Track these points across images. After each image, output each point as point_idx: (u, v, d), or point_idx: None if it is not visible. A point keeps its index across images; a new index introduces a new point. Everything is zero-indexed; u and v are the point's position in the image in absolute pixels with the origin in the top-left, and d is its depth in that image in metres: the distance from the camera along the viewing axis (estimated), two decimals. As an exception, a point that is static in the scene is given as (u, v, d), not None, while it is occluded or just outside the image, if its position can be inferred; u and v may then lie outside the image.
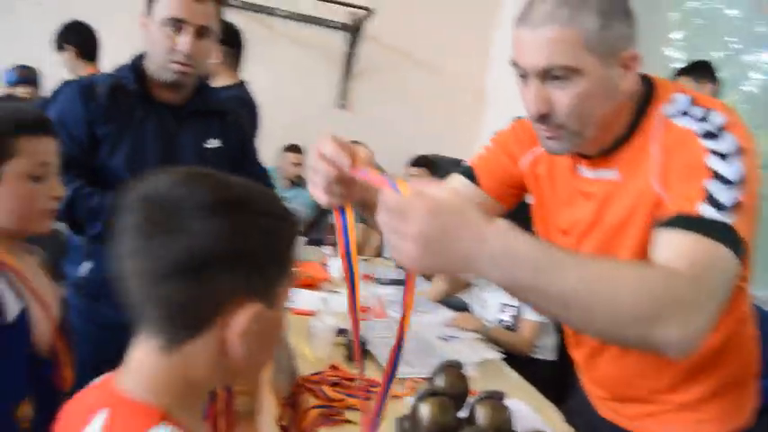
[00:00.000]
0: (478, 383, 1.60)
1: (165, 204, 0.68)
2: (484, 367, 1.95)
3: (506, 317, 2.60)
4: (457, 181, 1.35)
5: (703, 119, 1.02)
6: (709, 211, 0.93)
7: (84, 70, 3.28)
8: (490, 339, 2.34)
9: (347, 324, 1.85)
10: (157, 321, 0.71)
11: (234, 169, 1.85)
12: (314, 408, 1.51)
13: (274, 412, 1.65)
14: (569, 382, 1.60)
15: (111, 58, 2.08)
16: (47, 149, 1.18)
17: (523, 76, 1.06)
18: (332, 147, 0.90)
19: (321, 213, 4.32)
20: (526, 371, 2.07)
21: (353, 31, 4.80)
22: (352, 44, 4.82)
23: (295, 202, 4.16)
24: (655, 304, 0.83)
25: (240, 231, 0.69)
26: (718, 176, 0.96)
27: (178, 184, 0.70)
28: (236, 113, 1.97)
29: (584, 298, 0.80)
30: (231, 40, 2.78)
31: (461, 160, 4.63)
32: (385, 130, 5.02)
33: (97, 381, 0.79)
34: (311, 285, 2.60)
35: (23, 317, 1.13)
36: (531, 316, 2.55)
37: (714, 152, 0.98)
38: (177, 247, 0.67)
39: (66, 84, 1.78)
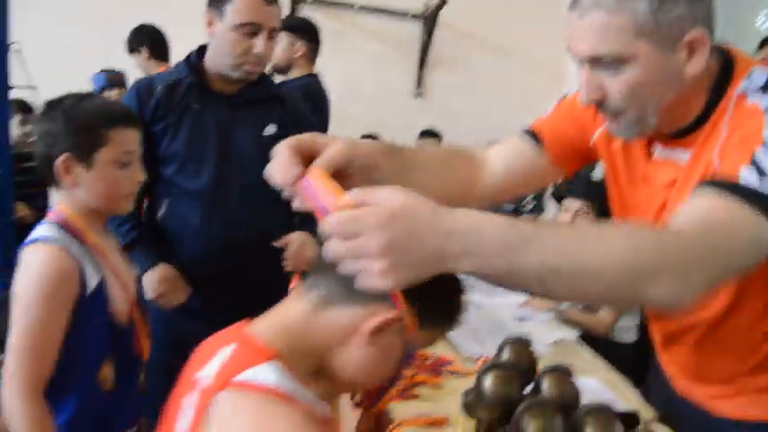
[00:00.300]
0: (551, 362, 1.58)
1: None
2: (558, 347, 1.93)
3: (585, 298, 2.53)
4: (519, 143, 1.28)
5: None
6: (748, 177, 0.87)
7: (156, 70, 3.40)
8: (567, 320, 2.30)
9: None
10: (328, 278, 0.78)
11: None
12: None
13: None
14: (649, 364, 1.55)
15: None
16: (132, 139, 1.34)
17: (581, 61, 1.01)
18: (278, 161, 0.85)
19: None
20: (604, 352, 2.03)
21: (428, 19, 4.80)
22: (427, 33, 4.82)
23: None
24: (642, 263, 0.77)
25: None
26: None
27: None
28: (295, 101, 2.01)
29: (565, 268, 0.74)
30: (311, 36, 2.93)
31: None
32: (462, 118, 5.01)
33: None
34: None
35: (101, 288, 1.28)
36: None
37: None
38: None
39: (132, 86, 1.88)
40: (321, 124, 2.67)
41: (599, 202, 2.54)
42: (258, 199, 1.78)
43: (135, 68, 3.71)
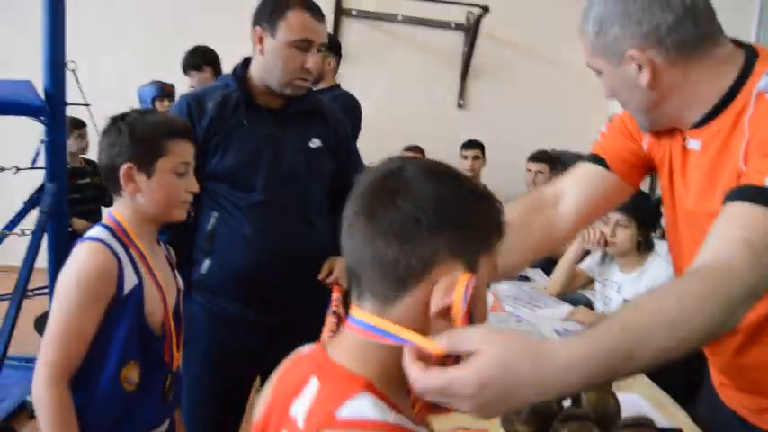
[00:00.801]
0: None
1: (390, 175, 0.76)
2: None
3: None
4: (586, 169, 1.33)
5: None
6: None
7: None
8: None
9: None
10: (372, 281, 0.75)
11: (338, 166, 1.95)
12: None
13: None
14: (696, 381, 1.51)
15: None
16: (188, 151, 1.44)
17: None
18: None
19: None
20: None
21: (470, 30, 4.80)
22: (469, 43, 4.83)
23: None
24: (710, 321, 0.82)
25: (450, 198, 0.74)
26: None
27: (406, 164, 0.77)
28: (335, 115, 2.04)
29: (663, 355, 0.79)
30: (338, 50, 3.12)
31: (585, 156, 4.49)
32: (504, 128, 4.99)
33: (305, 349, 0.84)
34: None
35: (138, 291, 1.35)
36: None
37: None
38: (396, 210, 0.72)
39: (180, 100, 1.87)
40: (356, 136, 2.75)
41: (638, 213, 2.51)
42: (307, 211, 1.86)
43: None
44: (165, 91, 4.04)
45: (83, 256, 1.31)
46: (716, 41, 1.06)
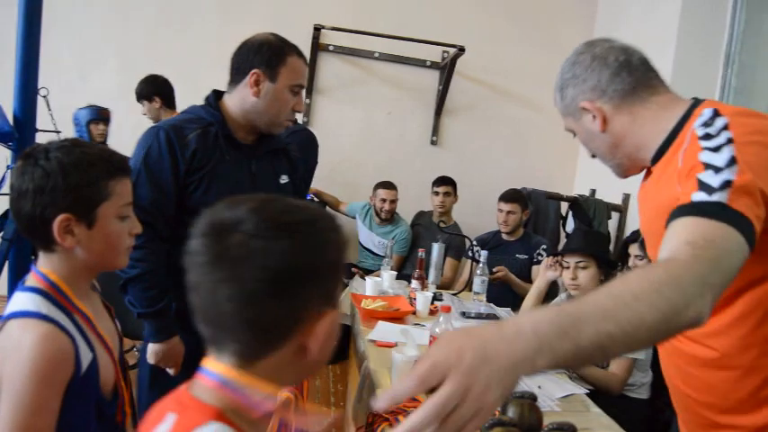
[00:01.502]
0: (560, 419, 1.56)
1: (243, 230, 0.73)
2: (568, 403, 1.91)
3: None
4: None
5: (709, 124, 1.11)
6: (700, 196, 1.01)
7: (167, 117, 3.76)
8: (579, 375, 2.28)
9: (426, 355, 1.87)
10: (238, 343, 0.77)
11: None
12: (389, 436, 1.53)
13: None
14: (663, 420, 1.53)
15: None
16: (129, 190, 1.25)
17: None
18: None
19: (412, 249, 4.37)
20: (616, 408, 2.00)
21: (445, 68, 4.88)
22: (444, 82, 4.90)
23: (388, 239, 4.23)
24: (669, 299, 0.85)
25: (314, 247, 0.76)
26: (708, 167, 1.04)
27: (248, 211, 0.75)
28: (295, 154, 2.12)
29: (615, 329, 0.80)
30: None
31: (558, 194, 4.56)
32: (477, 165, 5.06)
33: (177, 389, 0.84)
34: (398, 319, 2.64)
35: (94, 366, 1.17)
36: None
37: (707, 149, 1.07)
38: (264, 267, 0.72)
39: (155, 131, 1.82)
40: (313, 170, 2.82)
41: (595, 253, 2.57)
42: None
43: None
44: (101, 115, 4.13)
45: (33, 343, 1.08)
46: (654, 89, 1.25)
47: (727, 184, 1.00)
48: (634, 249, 3.01)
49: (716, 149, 1.06)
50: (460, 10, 5.01)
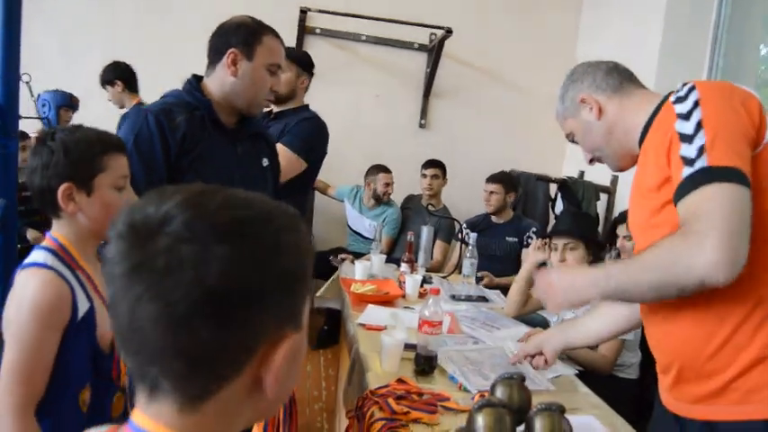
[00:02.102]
0: (550, 399, 1.57)
1: (170, 231, 0.56)
2: (558, 383, 1.92)
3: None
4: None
5: (681, 93, 1.26)
6: (686, 171, 1.16)
7: (131, 101, 4.11)
8: (569, 356, 2.29)
9: (416, 339, 1.88)
10: (171, 380, 0.59)
11: (275, 186, 2.05)
12: (378, 420, 1.54)
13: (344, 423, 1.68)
14: (651, 400, 1.55)
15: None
16: (125, 164, 1.42)
17: None
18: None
19: (401, 232, 4.38)
20: (606, 389, 2.01)
21: (433, 51, 4.86)
22: (432, 64, 4.88)
23: (379, 220, 4.24)
24: (672, 259, 1.15)
25: (266, 253, 0.59)
26: (683, 138, 1.19)
27: (177, 206, 0.58)
28: (273, 139, 2.17)
29: (630, 279, 1.24)
30: (312, 70, 2.95)
31: (547, 176, 4.57)
32: (466, 148, 5.05)
33: None
34: (388, 302, 2.64)
35: (91, 314, 1.34)
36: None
37: (679, 115, 1.22)
38: (197, 281, 0.55)
39: (143, 114, 1.81)
40: (321, 159, 2.75)
41: (583, 234, 2.58)
42: None
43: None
44: (72, 102, 4.21)
45: (34, 288, 1.26)
46: (638, 86, 1.49)
47: (701, 150, 1.15)
48: (622, 230, 3.02)
49: (686, 116, 1.21)
50: (448, -8, 4.98)
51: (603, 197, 4.35)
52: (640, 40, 4.04)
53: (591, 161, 1.58)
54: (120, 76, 4.15)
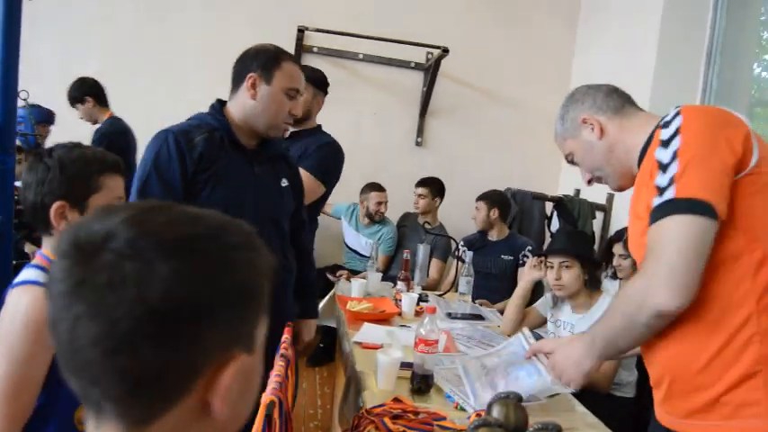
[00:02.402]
0: (546, 418, 1.56)
1: (113, 248, 0.55)
2: (554, 402, 1.90)
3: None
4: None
5: (668, 118, 1.30)
6: (656, 201, 1.22)
7: (103, 115, 4.15)
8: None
9: (412, 357, 1.87)
10: (113, 402, 0.57)
11: (298, 207, 2.11)
12: (374, 439, 1.52)
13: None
14: (648, 419, 1.55)
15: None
16: (121, 186, 1.41)
17: None
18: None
19: (397, 250, 4.37)
20: (603, 408, 2.00)
21: (429, 69, 4.89)
22: (428, 83, 4.91)
23: (374, 239, 4.23)
24: (632, 294, 1.28)
25: (213, 270, 0.57)
26: (660, 166, 1.24)
27: (121, 223, 0.56)
28: (294, 162, 2.23)
29: (609, 335, 1.37)
30: (326, 90, 3.03)
31: (543, 194, 4.58)
32: (462, 166, 5.06)
33: None
34: (384, 321, 2.63)
35: None
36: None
37: (661, 141, 1.26)
38: (139, 299, 0.53)
39: (164, 135, 1.90)
40: (334, 183, 2.87)
41: (579, 253, 2.58)
42: (283, 244, 2.08)
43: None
44: (48, 117, 4.21)
45: (28, 303, 1.23)
46: (637, 108, 1.52)
47: (672, 180, 1.20)
48: (618, 249, 3.02)
49: (666, 143, 1.25)
50: (444, 11, 5.03)
51: (599, 215, 4.36)
52: (635, 58, 4.07)
53: (589, 182, 1.60)
54: (88, 92, 4.17)
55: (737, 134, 1.22)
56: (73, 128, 4.15)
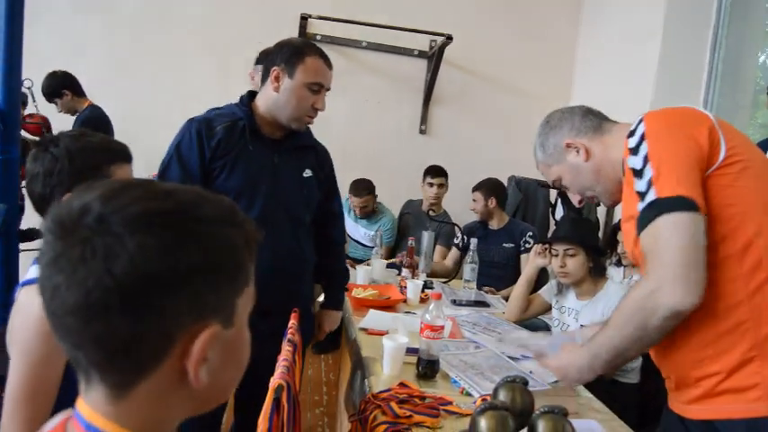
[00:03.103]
0: (550, 403, 1.57)
1: (86, 223, 0.58)
2: (559, 388, 1.91)
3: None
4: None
5: (633, 127, 1.32)
6: (641, 206, 1.24)
7: (83, 105, 4.19)
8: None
9: (418, 343, 1.88)
10: (98, 366, 0.61)
11: (323, 196, 2.18)
12: (381, 424, 1.54)
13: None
14: (652, 405, 1.57)
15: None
16: (129, 173, 1.38)
17: None
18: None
19: (400, 238, 4.38)
20: (607, 393, 2.01)
21: (433, 57, 4.87)
22: (432, 70, 4.89)
23: (372, 230, 4.23)
24: (635, 299, 1.26)
25: (181, 243, 0.59)
26: (635, 173, 1.26)
27: (96, 199, 0.60)
28: (324, 149, 2.28)
29: (613, 344, 1.33)
30: None
31: (547, 181, 4.57)
32: (466, 154, 5.05)
33: (57, 420, 0.68)
34: (389, 307, 2.64)
35: None
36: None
37: (630, 150, 1.29)
38: (107, 272, 0.56)
39: (189, 123, 2.04)
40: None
41: (583, 240, 2.58)
42: (297, 232, 2.12)
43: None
44: (24, 99, 4.19)
45: (38, 303, 1.18)
46: (613, 123, 1.54)
47: (650, 183, 1.23)
48: (622, 236, 3.02)
49: (635, 150, 1.28)
50: (448, -1, 5.00)
51: (603, 203, 4.35)
52: (639, 45, 4.06)
53: (580, 202, 1.61)
54: (65, 85, 4.19)
55: (701, 130, 1.25)
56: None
